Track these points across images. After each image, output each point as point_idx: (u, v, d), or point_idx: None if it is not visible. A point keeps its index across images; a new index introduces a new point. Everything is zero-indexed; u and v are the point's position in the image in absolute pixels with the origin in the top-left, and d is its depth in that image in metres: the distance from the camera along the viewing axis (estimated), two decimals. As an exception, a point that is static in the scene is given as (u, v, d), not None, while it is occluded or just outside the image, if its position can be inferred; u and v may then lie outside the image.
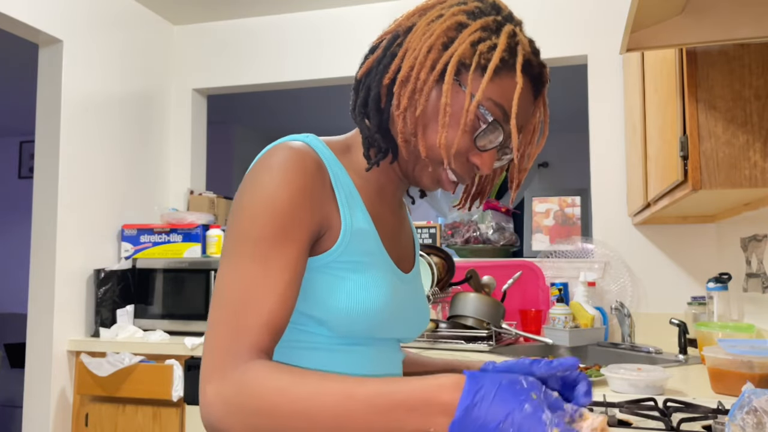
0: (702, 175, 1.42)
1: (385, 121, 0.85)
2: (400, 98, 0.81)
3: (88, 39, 2.80)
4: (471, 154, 0.83)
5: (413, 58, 0.81)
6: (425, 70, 0.80)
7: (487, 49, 0.79)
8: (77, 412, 2.59)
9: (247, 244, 0.73)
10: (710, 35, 1.26)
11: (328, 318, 0.80)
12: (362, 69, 0.87)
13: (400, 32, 0.85)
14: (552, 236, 2.85)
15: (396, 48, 0.84)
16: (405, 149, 0.83)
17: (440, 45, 0.80)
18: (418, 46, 0.81)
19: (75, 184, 2.70)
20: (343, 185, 0.83)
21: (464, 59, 0.80)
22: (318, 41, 3.19)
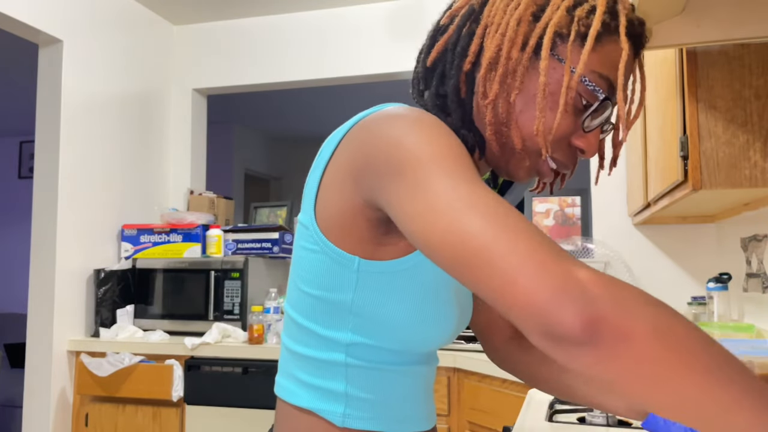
0: (702, 175, 1.42)
1: (469, 113, 0.73)
2: (488, 84, 0.69)
3: (88, 39, 2.80)
4: (574, 137, 0.71)
5: (500, 35, 0.68)
6: (516, 48, 0.68)
7: (585, 14, 0.68)
8: (77, 412, 2.59)
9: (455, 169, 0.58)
10: (710, 35, 1.26)
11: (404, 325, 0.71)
12: (432, 54, 0.74)
13: (474, 6, 0.72)
14: (552, 236, 2.85)
15: (473, 26, 0.71)
16: (496, 141, 0.71)
17: (530, 15, 0.68)
18: (503, 20, 0.68)
19: (75, 184, 2.70)
20: None
21: (561, 29, 0.68)
22: (318, 41, 3.19)
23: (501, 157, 0.73)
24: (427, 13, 3.04)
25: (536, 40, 0.68)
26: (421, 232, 0.56)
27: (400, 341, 0.73)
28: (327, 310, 0.72)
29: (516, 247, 0.50)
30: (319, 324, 0.73)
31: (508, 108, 0.69)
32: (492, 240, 0.51)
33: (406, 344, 0.73)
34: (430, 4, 3.04)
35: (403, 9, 3.08)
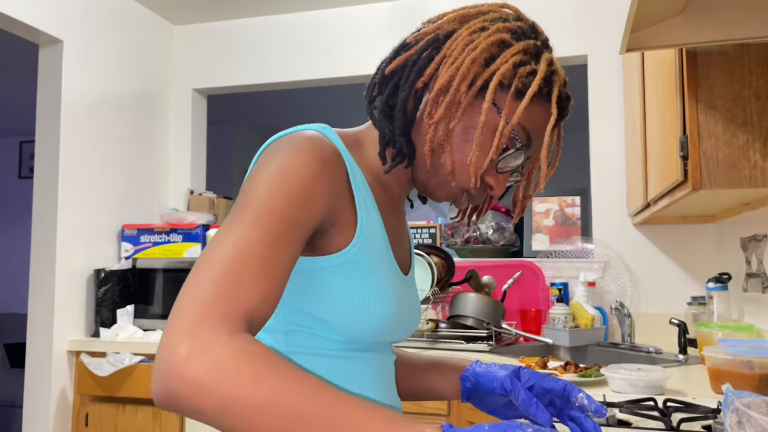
0: (702, 175, 1.42)
1: (410, 125, 0.83)
2: (435, 107, 0.79)
3: (88, 39, 2.80)
4: (488, 175, 0.82)
5: (454, 68, 0.78)
6: (465, 83, 0.78)
7: (527, 74, 0.79)
8: (77, 412, 2.59)
9: (256, 213, 0.67)
10: (710, 35, 1.26)
11: (337, 321, 0.77)
12: (393, 65, 0.84)
13: (440, 36, 0.82)
14: (552, 236, 2.85)
15: (433, 52, 0.81)
16: (429, 159, 0.81)
17: (483, 60, 0.79)
18: (460, 56, 0.78)
19: (75, 184, 2.70)
20: (359, 181, 0.80)
21: (504, 79, 0.78)
22: (318, 41, 3.19)
23: (427, 174, 0.84)
24: (427, 13, 3.03)
25: (483, 82, 0.78)
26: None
27: (336, 332, 0.78)
28: None
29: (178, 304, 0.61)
30: None
31: (447, 132, 0.79)
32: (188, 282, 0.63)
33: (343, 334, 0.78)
34: (430, 4, 3.04)
35: (403, 9, 3.08)
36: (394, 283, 0.83)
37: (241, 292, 0.61)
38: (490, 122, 0.79)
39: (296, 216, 0.69)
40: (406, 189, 0.91)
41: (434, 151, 0.81)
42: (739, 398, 0.86)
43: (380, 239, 0.81)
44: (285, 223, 0.67)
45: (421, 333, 2.32)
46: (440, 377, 0.98)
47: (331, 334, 0.78)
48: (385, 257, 0.82)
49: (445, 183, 0.83)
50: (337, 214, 0.76)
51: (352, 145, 0.84)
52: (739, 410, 0.83)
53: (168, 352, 0.57)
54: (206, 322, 0.58)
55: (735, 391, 0.90)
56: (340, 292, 0.76)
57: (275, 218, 0.67)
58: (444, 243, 2.94)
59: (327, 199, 0.73)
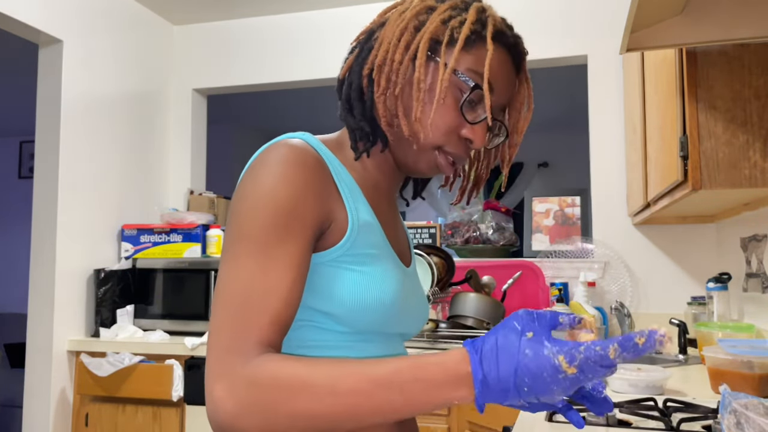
0: (702, 175, 1.42)
1: (369, 109, 0.85)
2: (379, 82, 0.82)
3: (88, 39, 2.80)
4: (462, 129, 0.82)
5: (387, 43, 0.83)
6: (399, 51, 0.81)
7: (458, 24, 0.81)
8: (77, 412, 2.59)
9: (248, 242, 0.72)
10: (710, 35, 1.26)
11: (338, 311, 0.79)
12: (343, 69, 0.89)
13: (374, 28, 0.87)
14: (552, 236, 2.85)
15: (372, 42, 0.86)
16: (390, 133, 0.84)
17: (412, 28, 0.82)
18: (391, 33, 0.83)
19: (75, 184, 2.70)
20: (344, 180, 0.82)
21: (436, 36, 0.81)
22: (318, 41, 3.19)
23: (400, 150, 0.86)
24: (427, 13, 3.04)
25: (416, 46, 0.81)
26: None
27: (343, 323, 0.80)
28: None
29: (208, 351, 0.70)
30: None
31: (395, 101, 0.82)
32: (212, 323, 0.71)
33: (349, 325, 0.80)
34: (430, 4, 3.04)
35: (403, 9, 3.08)
36: (395, 272, 0.84)
37: (252, 324, 0.69)
38: (434, 77, 0.81)
39: (289, 234, 0.73)
40: (394, 180, 0.92)
41: (390, 124, 0.84)
42: (736, 399, 0.87)
43: (375, 231, 0.83)
44: (279, 246, 0.72)
45: (421, 333, 2.32)
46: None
47: (338, 327, 0.80)
48: (383, 247, 0.84)
49: (419, 153, 0.84)
50: (330, 215, 0.78)
51: (336, 147, 0.87)
52: (737, 411, 0.83)
53: (208, 395, 0.67)
54: (228, 362, 0.67)
55: (732, 392, 0.90)
56: (342, 284, 0.78)
57: (268, 244, 0.72)
58: (444, 243, 2.94)
59: (316, 207, 0.76)
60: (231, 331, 0.68)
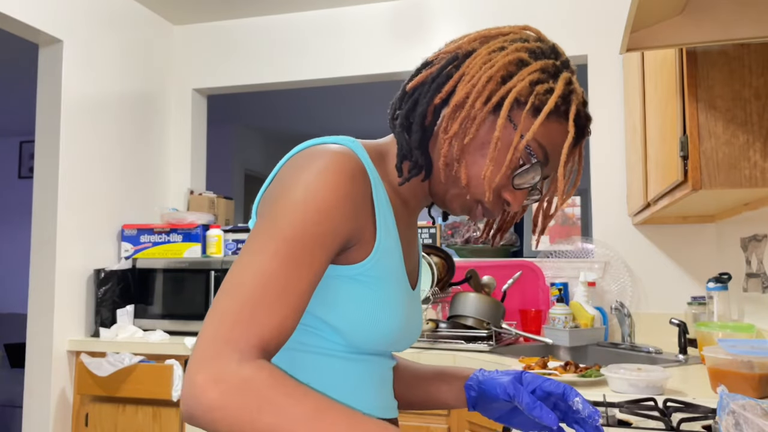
0: (702, 175, 1.42)
1: (427, 139, 0.84)
2: (451, 122, 0.81)
3: (88, 39, 2.80)
4: (504, 190, 0.83)
5: (471, 85, 0.80)
6: (481, 100, 0.79)
7: (543, 92, 0.80)
8: (77, 412, 2.59)
9: (278, 240, 0.70)
10: (710, 35, 1.26)
11: (345, 328, 0.79)
12: (414, 81, 0.85)
13: (459, 54, 0.84)
14: (552, 236, 2.85)
15: (452, 69, 0.83)
16: (444, 173, 0.83)
17: (499, 77, 0.80)
18: (477, 74, 0.80)
19: (75, 184, 2.70)
20: (380, 197, 0.82)
21: (520, 96, 0.80)
22: (318, 41, 3.19)
23: (443, 187, 0.86)
24: (427, 13, 3.04)
25: (498, 99, 0.79)
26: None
27: (342, 337, 0.80)
28: None
29: (202, 333, 0.66)
30: None
31: (461, 147, 0.81)
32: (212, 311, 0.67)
33: (348, 340, 0.80)
34: (430, 4, 3.04)
35: (403, 9, 3.08)
36: (404, 297, 0.84)
37: (257, 322, 0.66)
38: (506, 138, 0.80)
39: (319, 243, 0.71)
40: (422, 202, 0.93)
41: (448, 165, 0.82)
42: (733, 401, 0.87)
43: (396, 255, 0.84)
44: (307, 252, 0.70)
45: (421, 333, 2.32)
46: (445, 386, 1.00)
47: (336, 338, 0.80)
48: (398, 272, 0.84)
49: (460, 196, 0.84)
50: (359, 232, 0.78)
51: (377, 158, 0.86)
52: (736, 412, 0.83)
53: (189, 379, 0.64)
54: (222, 353, 0.64)
55: (729, 393, 0.90)
56: (352, 301, 0.78)
57: (298, 248, 0.70)
58: (444, 243, 2.94)
59: (350, 221, 0.75)
60: (234, 322, 0.65)
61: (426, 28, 3.03)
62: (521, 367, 1.77)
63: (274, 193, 0.74)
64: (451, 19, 3.00)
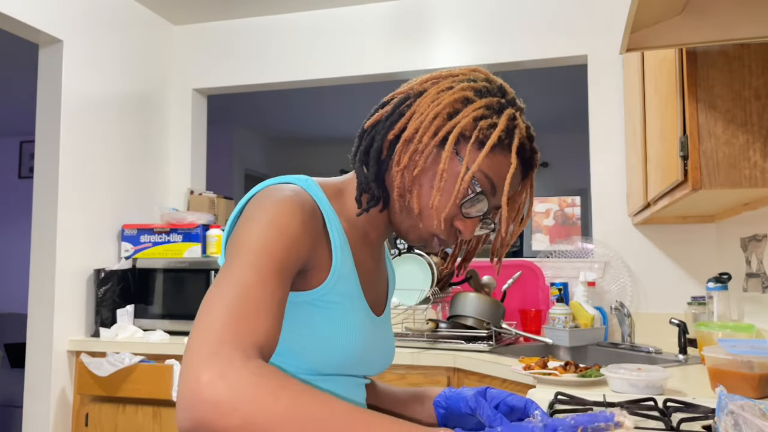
0: (702, 175, 1.42)
1: (383, 172, 0.90)
2: (402, 155, 0.87)
3: (88, 39, 2.80)
4: (456, 219, 0.88)
5: (419, 121, 0.86)
6: (428, 135, 0.85)
7: (487, 126, 0.86)
8: (77, 412, 2.59)
9: (251, 255, 0.74)
10: (710, 35, 1.26)
11: (302, 351, 0.83)
12: (371, 120, 0.92)
13: (411, 95, 0.90)
14: (552, 236, 2.85)
15: (405, 108, 0.89)
16: (399, 203, 0.89)
17: (446, 114, 0.86)
18: (425, 111, 0.87)
19: (75, 184, 2.70)
20: (336, 228, 0.87)
21: (465, 131, 0.86)
22: (318, 41, 3.19)
23: (399, 218, 0.91)
24: (427, 13, 3.04)
25: (444, 133, 0.85)
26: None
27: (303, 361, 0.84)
28: None
29: (191, 341, 0.65)
30: None
31: (412, 178, 0.87)
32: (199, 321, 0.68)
33: (308, 364, 0.84)
34: (430, 4, 3.04)
35: (403, 9, 3.08)
36: (363, 321, 0.90)
37: (246, 325, 0.67)
38: (452, 170, 0.86)
39: (286, 258, 0.76)
40: (384, 233, 0.98)
41: (402, 197, 0.88)
42: (732, 401, 0.87)
43: (352, 281, 0.89)
44: (277, 265, 0.74)
45: (421, 333, 2.32)
46: (419, 407, 1.04)
47: (296, 361, 0.84)
48: (355, 298, 0.89)
49: (415, 226, 0.90)
50: (316, 258, 0.84)
51: (333, 195, 0.91)
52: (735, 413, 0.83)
53: (190, 381, 0.62)
54: (221, 351, 0.63)
55: (728, 394, 0.90)
56: (309, 325, 0.83)
57: (268, 260, 0.73)
58: (444, 243, 2.94)
59: (309, 245, 0.81)
60: (232, 327, 0.66)
61: (426, 28, 3.03)
62: (521, 366, 1.77)
63: (242, 224, 0.79)
64: (451, 19, 3.00)
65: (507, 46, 2.88)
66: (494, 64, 2.91)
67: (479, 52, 2.93)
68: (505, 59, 2.88)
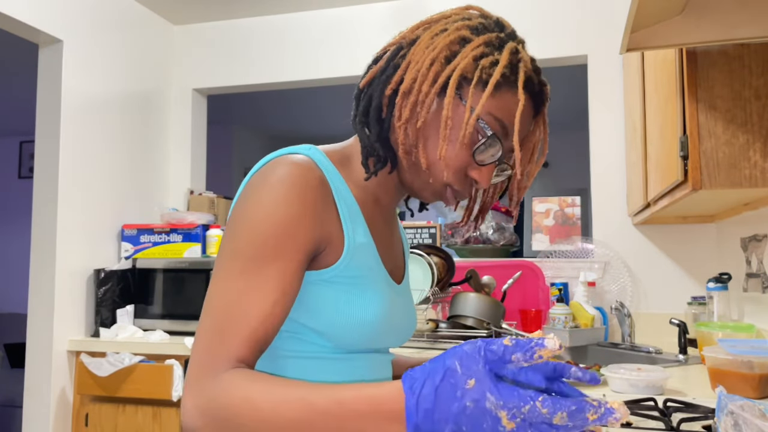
0: (702, 175, 1.42)
1: (386, 131, 0.85)
2: (402, 109, 0.81)
3: (88, 39, 2.80)
4: (470, 169, 0.83)
5: (416, 71, 0.81)
6: (427, 83, 0.80)
7: (489, 65, 0.80)
8: (77, 412, 2.59)
9: (241, 259, 0.73)
10: (710, 35, 1.26)
11: (328, 330, 0.80)
12: (365, 79, 0.87)
13: (404, 44, 0.85)
14: (552, 236, 2.85)
15: (399, 60, 0.84)
16: (406, 161, 0.84)
17: (443, 58, 0.81)
18: (421, 59, 0.81)
19: (75, 184, 2.70)
20: (345, 199, 0.82)
21: (466, 73, 0.80)
22: (318, 41, 3.19)
23: (410, 176, 0.86)
24: (427, 13, 3.03)
25: (444, 79, 0.79)
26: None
27: (327, 339, 0.81)
28: None
29: (191, 356, 0.72)
30: None
31: (416, 132, 0.81)
32: (196, 333, 0.74)
33: (333, 341, 0.81)
34: (430, 4, 3.04)
35: (403, 9, 3.08)
36: (385, 292, 0.85)
37: (225, 343, 0.70)
38: (458, 117, 0.80)
39: (281, 254, 0.73)
40: (395, 197, 0.93)
41: (408, 152, 0.83)
42: (732, 401, 0.87)
43: (370, 252, 0.84)
44: (271, 265, 0.73)
45: (421, 333, 2.32)
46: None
47: (321, 341, 0.81)
48: (375, 269, 0.85)
49: (426, 182, 0.84)
50: (327, 238, 0.79)
51: (341, 161, 0.86)
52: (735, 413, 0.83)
53: (182, 406, 0.70)
54: (200, 376, 0.70)
55: (728, 394, 0.90)
56: (331, 304, 0.80)
57: (260, 263, 0.73)
58: (444, 243, 2.94)
59: (314, 229, 0.76)
60: (206, 348, 0.71)
61: (426, 28, 3.03)
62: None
63: (235, 213, 0.77)
64: (451, 19, 3.00)
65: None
66: (494, 64, 2.91)
67: (479, 52, 2.93)
68: (505, 59, 2.87)
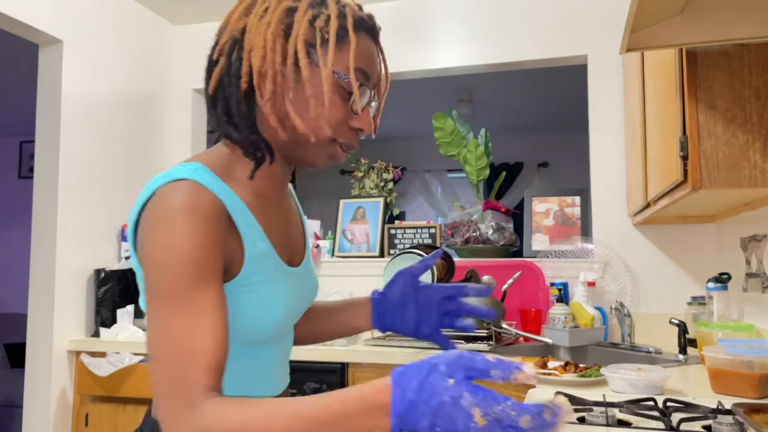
0: (702, 175, 1.42)
1: (254, 122, 0.88)
2: (262, 88, 0.84)
3: (88, 39, 2.80)
4: (350, 120, 0.88)
5: (262, 51, 0.83)
6: (278, 55, 0.84)
7: (324, 24, 0.84)
8: (77, 412, 2.59)
9: (169, 299, 0.75)
10: (710, 35, 1.26)
11: (235, 332, 0.84)
12: (212, 84, 0.88)
13: (236, 37, 0.87)
14: (552, 236, 2.85)
15: (240, 52, 0.86)
16: (281, 131, 0.86)
17: (281, 33, 0.84)
18: (261, 40, 0.84)
19: (75, 184, 2.70)
20: (239, 210, 0.84)
21: (308, 39, 0.84)
22: (318, 41, 3.18)
23: (298, 151, 0.89)
24: (426, 13, 3.04)
25: (293, 51, 0.83)
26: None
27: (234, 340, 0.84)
28: None
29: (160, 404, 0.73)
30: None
31: (284, 104, 0.84)
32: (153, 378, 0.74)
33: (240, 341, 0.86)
34: (429, 4, 3.04)
35: (403, 9, 3.08)
36: (285, 288, 0.91)
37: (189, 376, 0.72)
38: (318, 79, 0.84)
39: (203, 281, 0.76)
40: (282, 182, 0.96)
41: (282, 121, 0.86)
42: None
43: (268, 254, 0.88)
44: (197, 294, 0.75)
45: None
46: (354, 311, 1.11)
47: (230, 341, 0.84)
48: (274, 268, 0.89)
49: (312, 146, 0.87)
50: (231, 253, 0.83)
51: (223, 172, 0.86)
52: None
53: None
54: (180, 417, 0.71)
55: None
56: (236, 310, 0.84)
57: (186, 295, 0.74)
58: (444, 243, 2.94)
59: (220, 252, 0.79)
60: (172, 386, 0.72)
61: (426, 28, 3.03)
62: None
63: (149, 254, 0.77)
64: (450, 19, 3.00)
65: (507, 46, 2.88)
66: (494, 64, 2.91)
67: (479, 52, 2.93)
68: (505, 59, 2.88)
